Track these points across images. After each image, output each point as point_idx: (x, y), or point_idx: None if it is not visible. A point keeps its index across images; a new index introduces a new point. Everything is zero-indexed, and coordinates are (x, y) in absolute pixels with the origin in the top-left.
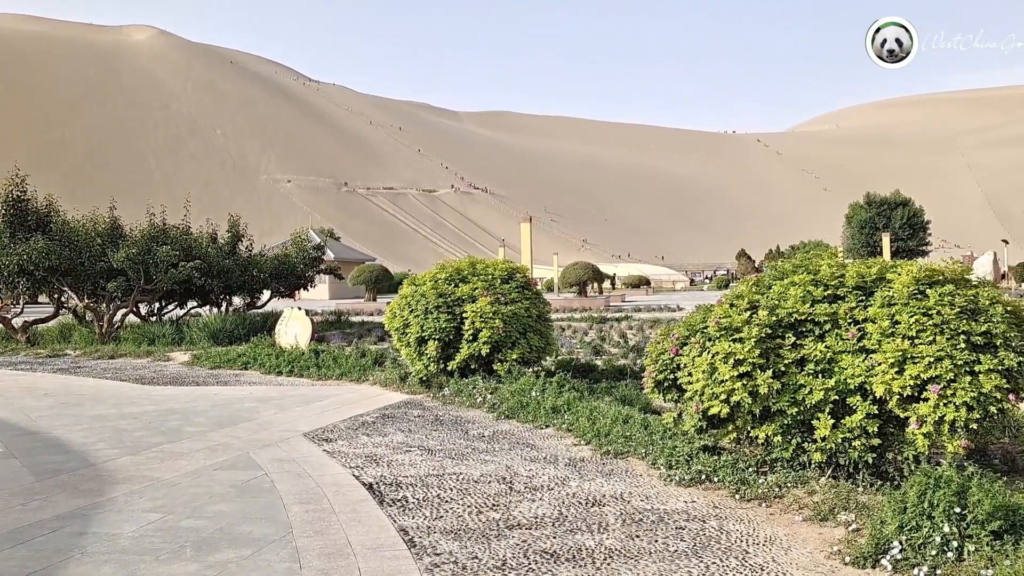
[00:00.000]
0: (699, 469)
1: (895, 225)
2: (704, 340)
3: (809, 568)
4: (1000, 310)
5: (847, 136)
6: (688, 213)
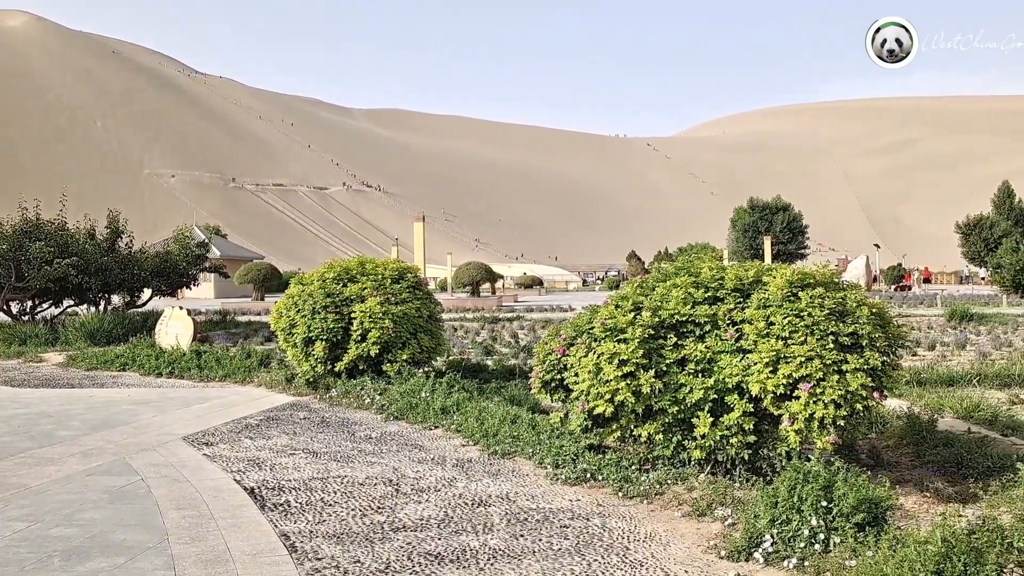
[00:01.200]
0: (584, 468)
1: (776, 229)
2: (590, 341)
3: (686, 563)
4: (866, 312)
5: (732, 142)
6: (581, 214)
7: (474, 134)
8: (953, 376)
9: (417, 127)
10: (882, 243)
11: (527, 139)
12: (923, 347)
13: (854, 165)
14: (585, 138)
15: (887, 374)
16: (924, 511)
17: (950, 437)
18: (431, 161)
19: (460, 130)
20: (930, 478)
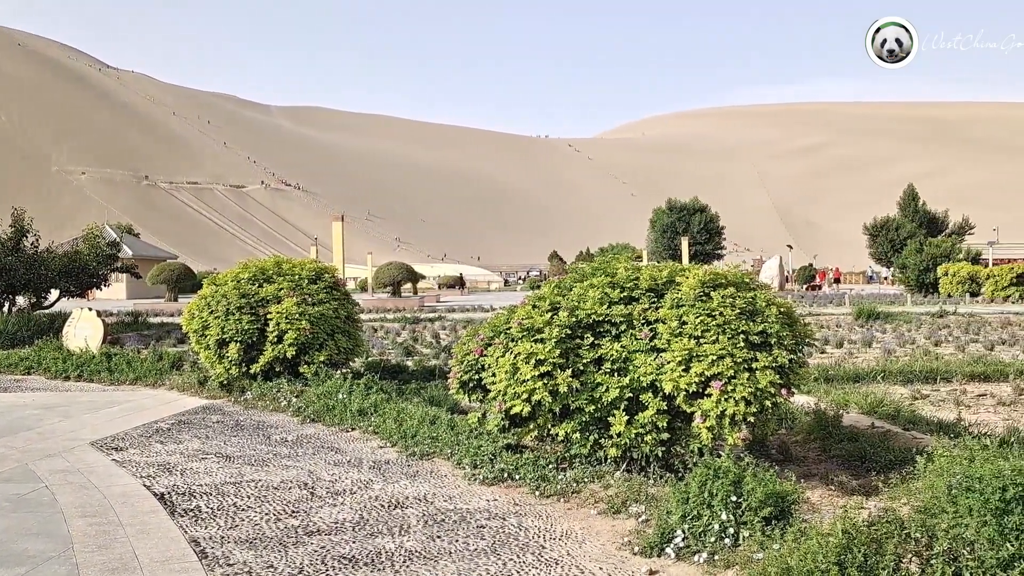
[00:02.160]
0: (502, 468)
1: (694, 230)
2: (507, 341)
3: (601, 560)
4: (775, 311)
5: (651, 144)
6: (504, 215)
7: (397, 133)
8: (859, 373)
9: (338, 125)
10: (795, 244)
11: (450, 139)
12: (832, 345)
13: (768, 168)
14: (508, 138)
15: (794, 371)
16: (829, 504)
17: (855, 432)
18: (352, 160)
19: (382, 129)
20: (835, 472)
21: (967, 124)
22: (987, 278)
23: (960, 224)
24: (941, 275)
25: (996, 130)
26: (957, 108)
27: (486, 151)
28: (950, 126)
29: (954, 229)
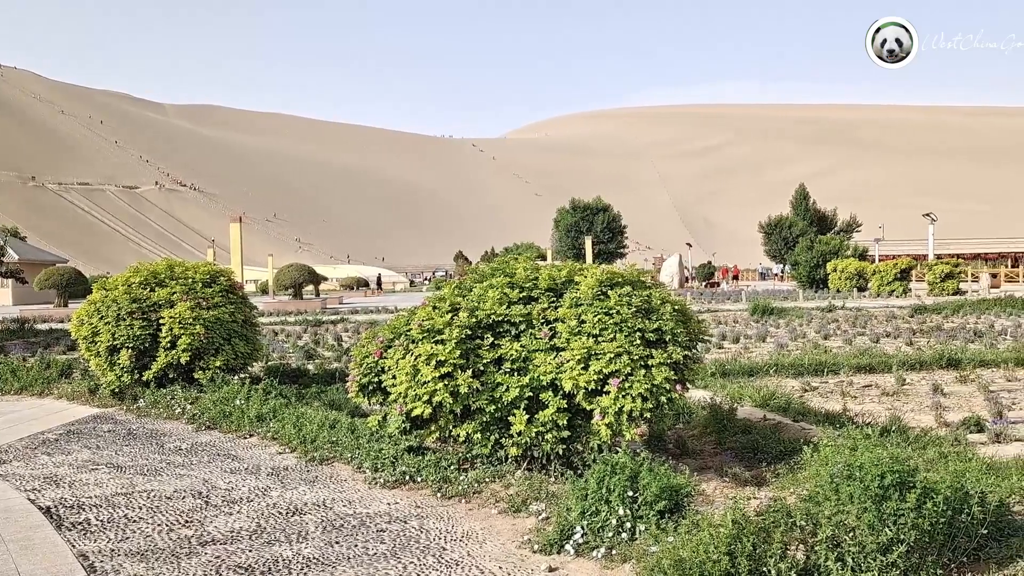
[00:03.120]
0: (403, 470)
1: (597, 229)
2: (407, 342)
3: (501, 559)
4: (670, 309)
5: (555, 144)
6: (409, 215)
7: (299, 133)
8: (754, 367)
9: (238, 125)
10: (694, 242)
11: (353, 139)
12: (729, 340)
13: (669, 168)
14: (412, 138)
15: (689, 367)
16: (723, 495)
17: (748, 424)
18: (252, 160)
19: (283, 128)
20: (730, 464)
21: (854, 126)
22: (873, 274)
23: (848, 222)
24: (831, 271)
25: (881, 132)
26: (845, 111)
27: (390, 151)
28: (839, 128)
29: (843, 227)
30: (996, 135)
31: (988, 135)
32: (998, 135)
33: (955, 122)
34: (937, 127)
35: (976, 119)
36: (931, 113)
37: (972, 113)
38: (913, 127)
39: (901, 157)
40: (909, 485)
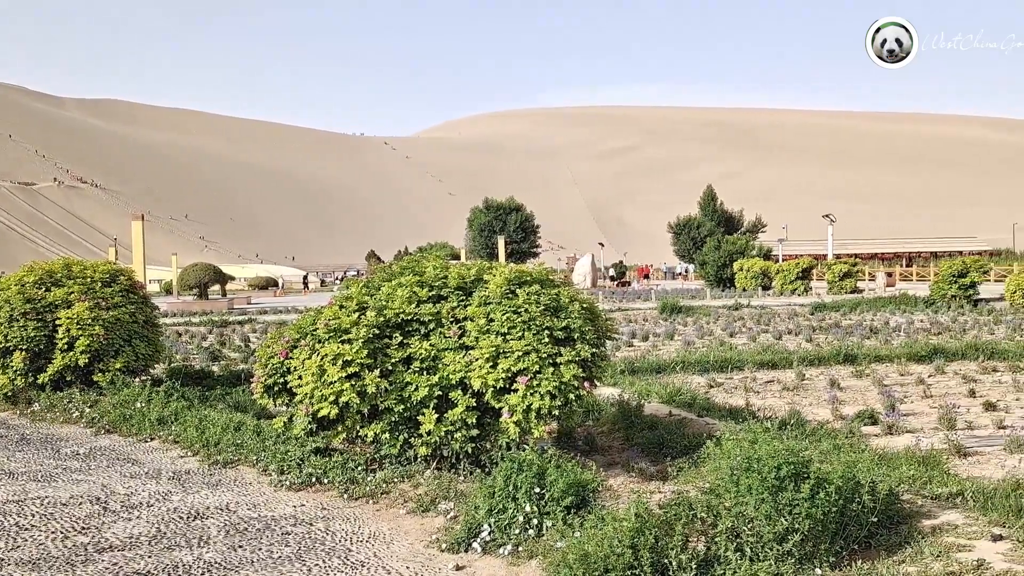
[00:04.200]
0: (310, 472)
1: (510, 229)
2: (314, 342)
3: (408, 559)
4: (578, 307)
5: (468, 143)
6: (320, 213)
7: (205, 129)
8: (662, 364)
9: (141, 120)
10: (606, 242)
11: (263, 135)
12: (638, 338)
13: (581, 168)
14: (322, 135)
15: (597, 364)
16: (629, 490)
17: (655, 420)
18: (157, 156)
19: (189, 124)
20: (636, 459)
21: (760, 129)
22: (777, 273)
23: (754, 223)
24: (737, 270)
25: (785, 135)
26: (751, 114)
27: (300, 148)
28: (745, 131)
29: (749, 227)
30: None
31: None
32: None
33: (854, 127)
34: (837, 132)
35: (875, 125)
36: (832, 118)
37: (871, 119)
38: (815, 131)
39: (804, 160)
40: (804, 476)
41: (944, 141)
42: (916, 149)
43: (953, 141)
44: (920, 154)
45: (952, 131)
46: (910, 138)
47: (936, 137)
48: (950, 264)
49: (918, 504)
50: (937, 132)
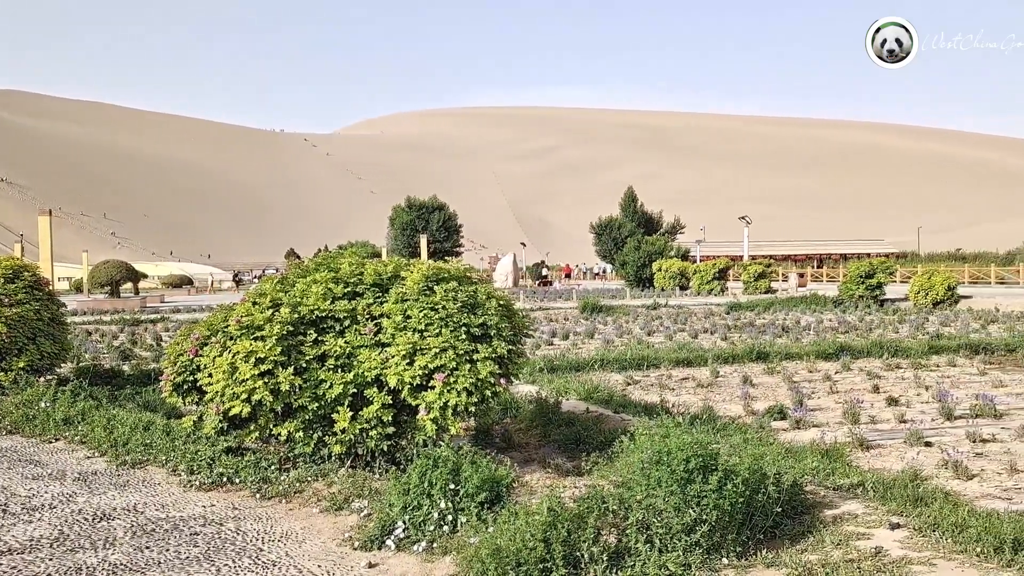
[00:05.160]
0: (221, 472)
1: (433, 228)
2: (225, 339)
3: (321, 557)
4: (495, 304)
5: (390, 142)
6: (237, 211)
7: (118, 122)
8: (581, 362)
9: (48, 112)
10: (528, 241)
11: (178, 130)
12: (559, 337)
13: (504, 168)
14: (242, 131)
15: (513, 361)
16: (545, 486)
17: (572, 417)
18: (67, 150)
19: (101, 117)
20: (553, 455)
21: (679, 132)
22: (694, 273)
23: (673, 224)
24: (656, 271)
25: (704, 138)
26: (671, 117)
27: (218, 144)
28: (665, 134)
29: (668, 228)
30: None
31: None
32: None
33: (771, 132)
34: (754, 136)
35: (790, 130)
36: (749, 123)
37: (786, 124)
38: (733, 135)
39: (722, 163)
40: (712, 468)
41: (856, 147)
42: (829, 154)
43: (864, 147)
44: (833, 159)
45: (863, 138)
46: (823, 143)
47: (848, 143)
48: (858, 266)
49: (821, 495)
50: (849, 138)
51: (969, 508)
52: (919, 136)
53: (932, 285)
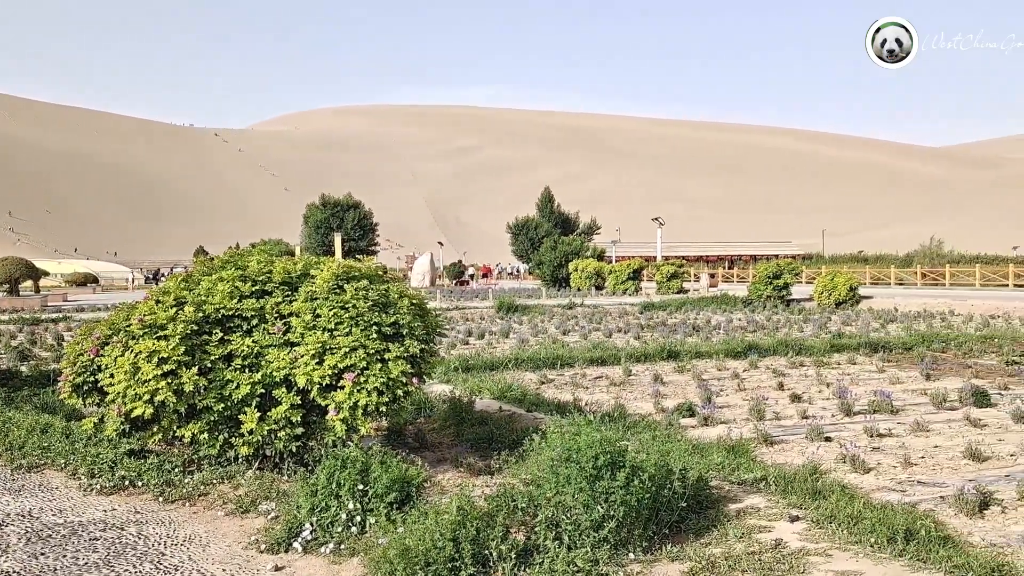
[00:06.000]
0: (123, 475)
1: (348, 226)
2: (127, 339)
3: (226, 561)
4: (407, 303)
5: (305, 138)
6: (146, 207)
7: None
8: (495, 361)
9: None
10: (446, 241)
11: (83, 123)
12: (474, 336)
13: (421, 167)
14: (149, 125)
15: (426, 360)
16: (456, 485)
17: (485, 416)
18: None
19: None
20: (466, 455)
21: (597, 134)
22: (610, 273)
23: (589, 224)
24: (572, 271)
25: (622, 140)
26: (588, 119)
27: (125, 138)
28: (582, 135)
29: (584, 229)
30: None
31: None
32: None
33: (684, 135)
34: (668, 139)
35: (705, 134)
36: (663, 126)
37: (701, 128)
38: (648, 139)
39: (637, 165)
40: (620, 465)
41: (769, 152)
42: (741, 159)
43: (777, 152)
44: (744, 163)
45: (774, 142)
46: (735, 148)
47: (759, 147)
48: (766, 267)
49: (726, 489)
50: (760, 143)
51: (865, 500)
52: (832, 143)
53: (835, 286)
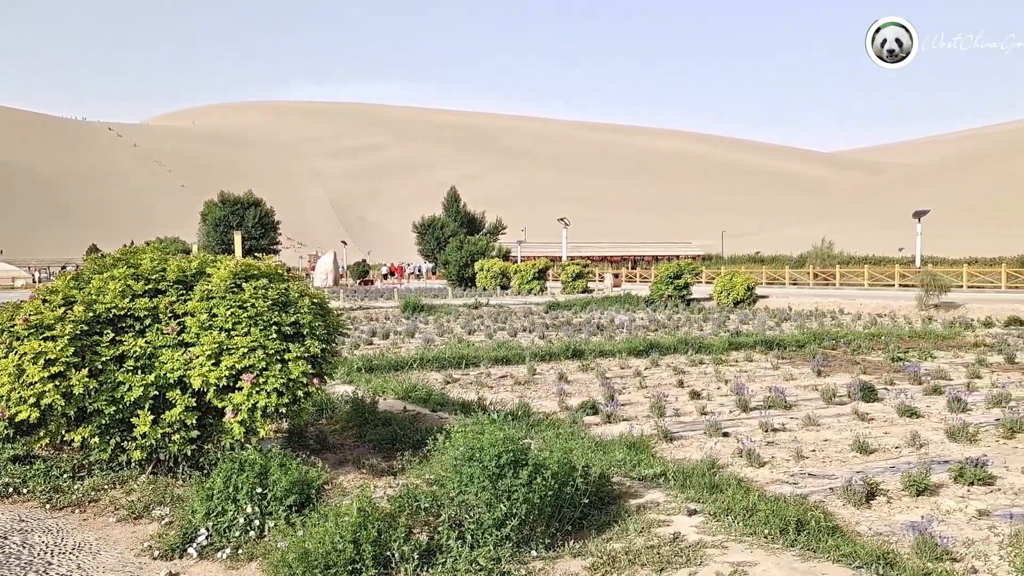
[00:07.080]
0: (7, 482)
1: (248, 224)
2: (11, 340)
3: (117, 569)
4: (308, 302)
5: (203, 134)
6: (34, 204)
7: None
8: (400, 361)
9: None
10: (350, 240)
11: None
12: (379, 336)
13: (324, 165)
14: (38, 119)
15: (328, 360)
16: (358, 487)
17: (389, 416)
18: None
19: None
20: (369, 456)
21: (502, 134)
22: (515, 273)
23: (495, 224)
24: (478, 270)
25: (527, 141)
26: (493, 119)
27: (12, 131)
28: (488, 135)
29: (490, 229)
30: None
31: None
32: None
33: (588, 137)
34: (572, 140)
35: (610, 136)
36: (566, 127)
37: (604, 130)
38: (552, 139)
39: (542, 166)
40: (523, 463)
41: (668, 154)
42: (643, 160)
43: (676, 154)
44: (647, 165)
45: (675, 145)
46: (638, 150)
47: (661, 150)
48: (667, 267)
49: (627, 485)
50: (662, 145)
51: (759, 493)
52: (730, 146)
53: (733, 286)
